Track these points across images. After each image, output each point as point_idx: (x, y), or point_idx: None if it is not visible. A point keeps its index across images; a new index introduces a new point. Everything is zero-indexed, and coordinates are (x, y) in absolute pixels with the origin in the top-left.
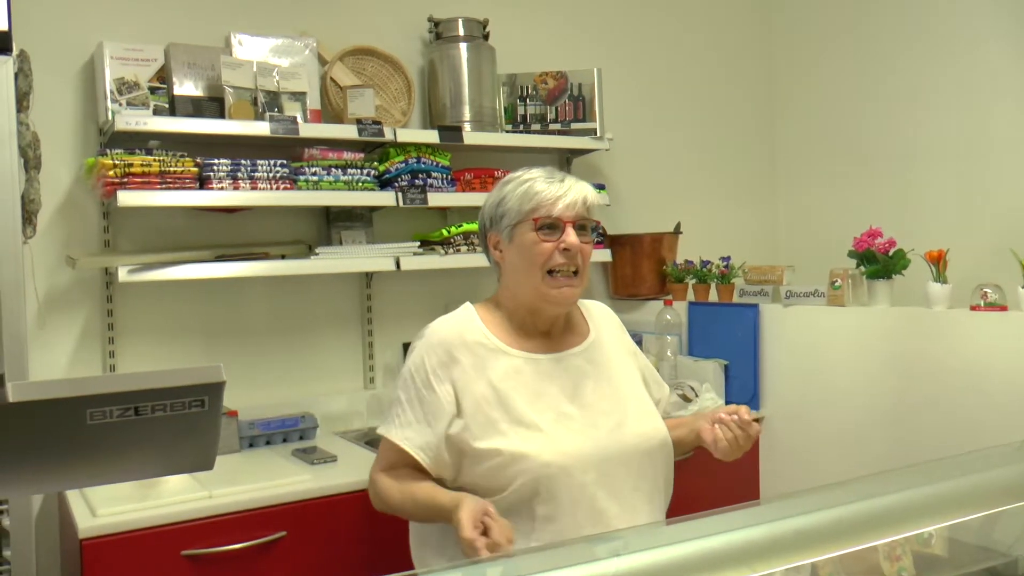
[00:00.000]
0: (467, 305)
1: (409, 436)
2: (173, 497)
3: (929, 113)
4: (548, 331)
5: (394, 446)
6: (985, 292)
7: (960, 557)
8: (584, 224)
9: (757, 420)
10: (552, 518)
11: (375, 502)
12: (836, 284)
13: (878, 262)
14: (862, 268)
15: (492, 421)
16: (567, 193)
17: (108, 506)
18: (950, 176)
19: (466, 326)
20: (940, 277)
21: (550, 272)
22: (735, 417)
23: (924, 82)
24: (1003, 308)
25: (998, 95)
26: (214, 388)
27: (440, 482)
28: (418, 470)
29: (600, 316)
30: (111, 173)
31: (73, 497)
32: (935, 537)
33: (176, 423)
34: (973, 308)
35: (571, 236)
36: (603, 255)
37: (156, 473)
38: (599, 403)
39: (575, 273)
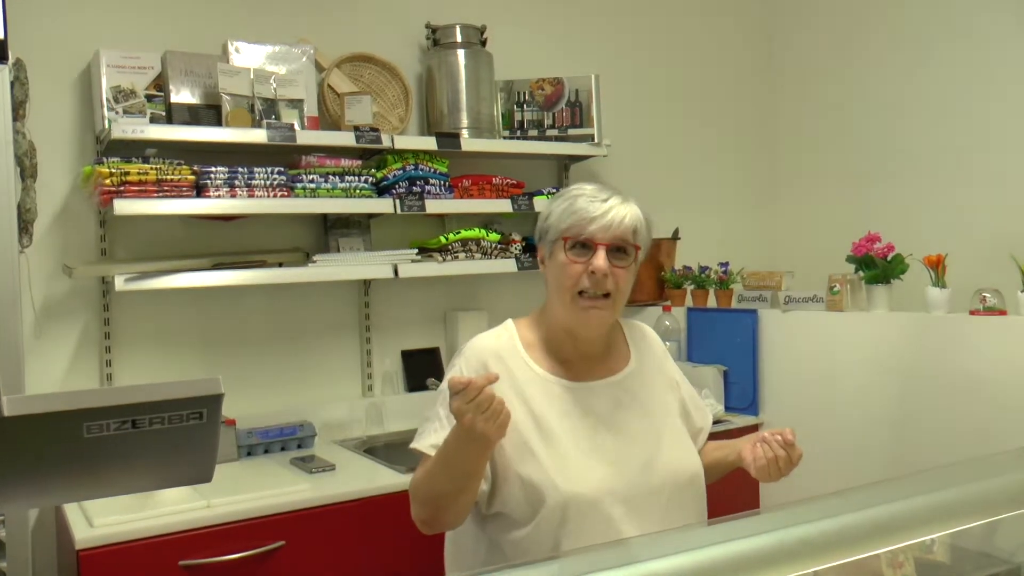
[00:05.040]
0: (508, 323)
1: None
2: (171, 507)
3: (927, 118)
4: (586, 353)
5: (430, 457)
6: (984, 296)
7: (962, 564)
8: (622, 247)
9: (755, 426)
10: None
11: (415, 511)
12: (835, 289)
13: (877, 267)
14: (861, 273)
15: (525, 442)
16: (604, 214)
17: (105, 516)
18: (948, 181)
19: (505, 345)
20: (939, 282)
21: (580, 293)
22: (779, 438)
23: (922, 88)
24: (1002, 312)
25: (996, 100)
26: (212, 400)
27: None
28: None
29: (644, 342)
30: (108, 181)
31: (70, 507)
32: (937, 544)
33: (174, 436)
34: (972, 313)
35: (600, 259)
36: None
37: (155, 486)
38: (632, 435)
39: (607, 295)
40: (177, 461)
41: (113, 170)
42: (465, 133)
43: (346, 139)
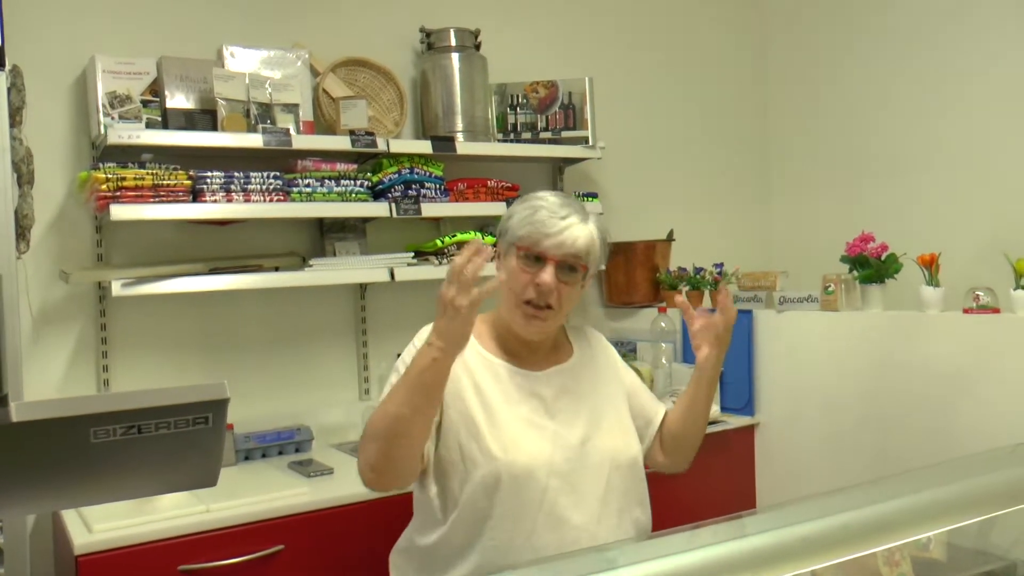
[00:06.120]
0: None
1: None
2: (169, 512)
3: (920, 118)
4: (532, 347)
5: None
6: (977, 295)
7: (958, 561)
8: (572, 264)
9: (752, 426)
10: (508, 516)
11: (365, 455)
12: (829, 289)
13: (871, 266)
14: (855, 273)
15: (471, 415)
16: (560, 232)
17: (104, 521)
18: (941, 180)
19: None
20: (933, 280)
21: (526, 301)
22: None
23: (914, 88)
24: (995, 311)
25: (988, 99)
26: (218, 405)
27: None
28: None
29: (586, 340)
30: (104, 187)
31: (68, 513)
32: (933, 542)
33: (180, 440)
34: (966, 311)
35: (547, 275)
36: None
37: (160, 491)
38: (573, 417)
39: (549, 307)
40: (182, 466)
41: (109, 175)
42: (460, 136)
43: (341, 143)
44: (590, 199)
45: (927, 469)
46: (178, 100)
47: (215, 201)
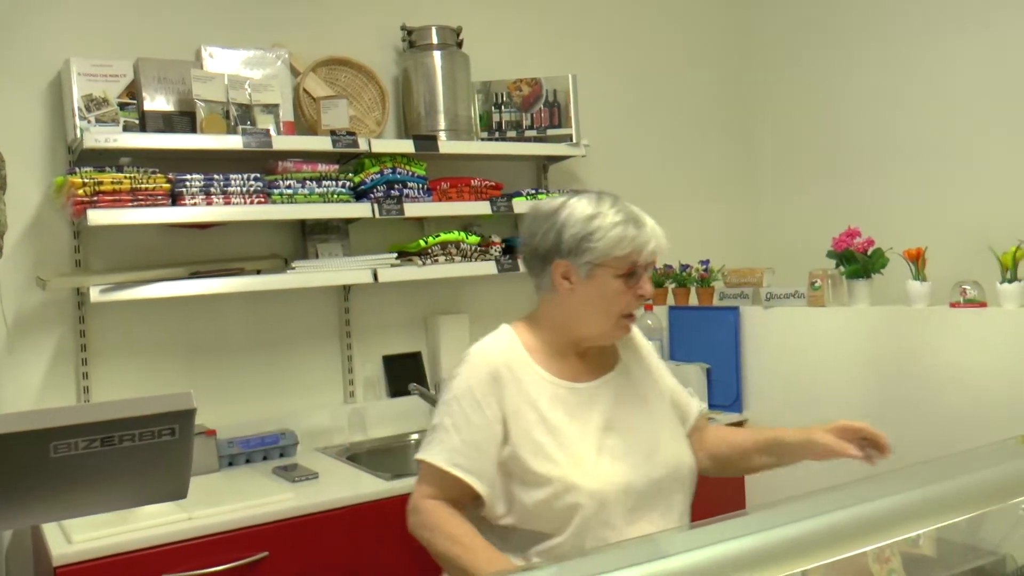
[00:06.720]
0: (506, 328)
1: (459, 462)
2: (151, 520)
3: (905, 113)
4: (584, 354)
5: (439, 472)
6: (964, 289)
7: (949, 557)
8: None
9: (740, 423)
10: (584, 539)
11: (414, 528)
12: (816, 285)
13: (857, 262)
14: (841, 268)
15: (540, 446)
16: (649, 240)
17: (83, 532)
18: (927, 174)
19: (509, 351)
20: (919, 275)
21: (625, 315)
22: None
23: (899, 82)
24: (982, 304)
25: (972, 94)
26: (185, 415)
27: (481, 522)
28: (460, 501)
29: (628, 337)
30: (80, 191)
31: (47, 523)
32: (923, 538)
33: (146, 452)
34: (952, 305)
35: (648, 284)
36: None
37: (128, 504)
38: (635, 430)
39: None
40: (150, 478)
41: (86, 180)
42: (442, 135)
43: (323, 143)
44: None
45: (916, 466)
46: (156, 102)
47: (195, 204)
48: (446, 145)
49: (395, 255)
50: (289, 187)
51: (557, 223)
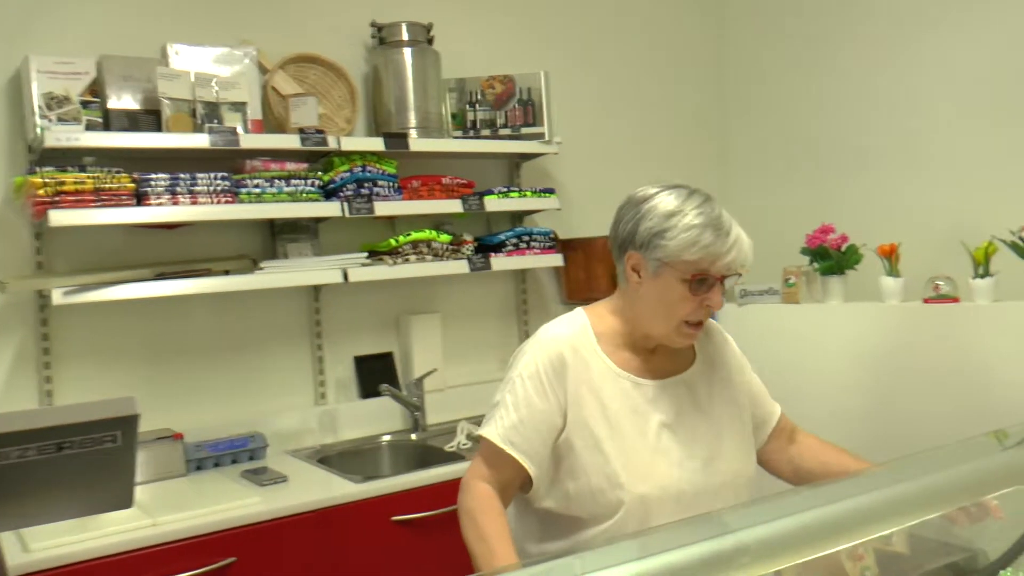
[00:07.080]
0: (580, 311)
1: (514, 440)
2: (114, 527)
3: (877, 110)
4: (659, 350)
5: (494, 448)
6: (937, 284)
7: (922, 553)
8: (734, 273)
9: None
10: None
11: (459, 506)
12: (790, 281)
13: (831, 258)
14: (815, 264)
15: (595, 438)
16: (730, 251)
17: (42, 539)
18: (899, 171)
19: (579, 337)
20: (893, 271)
21: (687, 322)
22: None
23: (871, 80)
24: (955, 300)
25: (944, 92)
26: (127, 422)
27: (525, 503)
28: (511, 485)
29: (711, 338)
30: (41, 192)
31: None
32: (896, 535)
33: (87, 461)
34: (926, 301)
35: (718, 296)
36: (555, 260)
37: (69, 515)
38: (696, 436)
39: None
40: (93, 487)
41: (47, 180)
42: (413, 133)
43: (291, 142)
44: (547, 195)
45: (889, 463)
46: (122, 100)
47: (160, 204)
48: (416, 143)
49: (366, 254)
50: (257, 186)
51: (639, 213)
